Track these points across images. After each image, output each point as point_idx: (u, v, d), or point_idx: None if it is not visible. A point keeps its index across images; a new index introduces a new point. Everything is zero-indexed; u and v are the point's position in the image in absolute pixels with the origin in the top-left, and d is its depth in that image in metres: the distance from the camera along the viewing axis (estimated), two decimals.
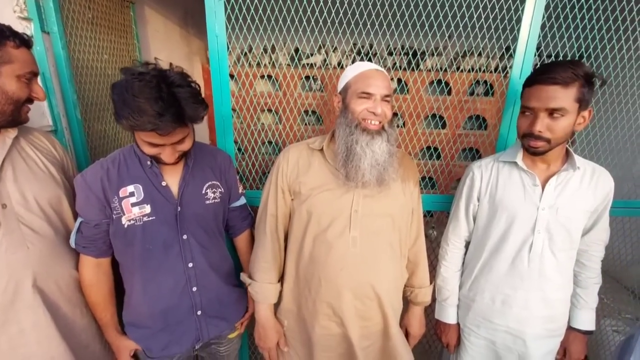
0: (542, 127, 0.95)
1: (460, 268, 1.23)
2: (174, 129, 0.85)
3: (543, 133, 0.95)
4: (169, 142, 0.89)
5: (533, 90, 0.96)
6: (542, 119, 0.95)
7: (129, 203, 0.97)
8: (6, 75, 0.85)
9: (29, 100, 0.92)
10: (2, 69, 0.84)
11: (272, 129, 1.62)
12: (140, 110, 0.78)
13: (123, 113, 0.80)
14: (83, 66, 1.44)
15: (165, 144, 0.89)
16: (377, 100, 0.98)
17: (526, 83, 1.00)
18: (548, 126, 0.95)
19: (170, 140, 0.89)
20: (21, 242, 0.90)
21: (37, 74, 0.94)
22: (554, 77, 0.91)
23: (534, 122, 0.96)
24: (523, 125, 1.00)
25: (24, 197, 0.91)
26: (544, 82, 0.93)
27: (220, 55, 1.19)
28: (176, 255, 1.04)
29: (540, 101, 0.94)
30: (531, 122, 0.97)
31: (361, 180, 0.99)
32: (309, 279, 1.08)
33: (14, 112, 0.89)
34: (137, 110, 0.78)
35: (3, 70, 0.85)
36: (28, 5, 1.17)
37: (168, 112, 0.80)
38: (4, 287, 0.88)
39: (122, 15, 1.78)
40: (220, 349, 1.23)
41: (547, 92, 0.93)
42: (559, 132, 0.95)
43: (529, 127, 0.98)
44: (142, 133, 0.85)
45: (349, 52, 2.03)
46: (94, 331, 1.09)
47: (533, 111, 0.96)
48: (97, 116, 1.55)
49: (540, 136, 0.96)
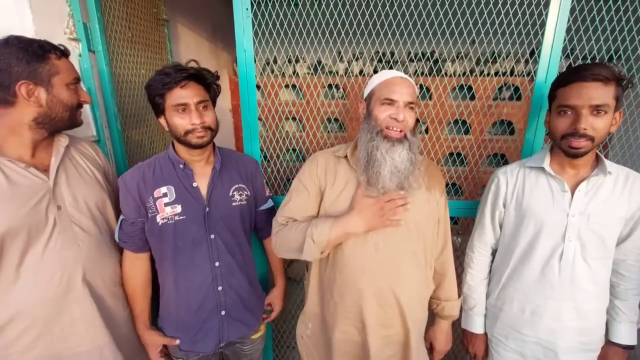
0: (586, 124, 0.92)
1: (486, 276, 1.21)
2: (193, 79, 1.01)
3: (588, 131, 0.92)
4: (193, 99, 1.00)
5: (573, 88, 0.93)
6: (585, 116, 0.92)
7: (163, 203, 1.06)
8: (58, 86, 0.94)
9: (79, 105, 1.02)
10: (53, 81, 0.93)
11: (295, 137, 1.67)
12: (166, 73, 0.99)
13: (154, 81, 1.00)
14: (123, 81, 1.56)
15: (190, 103, 1.00)
16: (400, 107, 0.98)
17: (561, 82, 0.97)
18: (592, 124, 0.92)
19: (194, 97, 1.01)
20: (73, 240, 0.99)
21: (79, 80, 1.03)
22: (596, 74, 0.89)
23: (578, 120, 0.92)
24: (562, 125, 0.96)
25: (75, 199, 1.00)
26: (585, 79, 0.91)
27: (248, 68, 1.25)
28: (204, 253, 1.10)
29: (582, 98, 0.91)
30: (574, 120, 0.93)
31: (382, 186, 0.99)
32: (331, 282, 1.09)
33: (71, 117, 0.99)
34: (164, 74, 0.99)
35: (54, 82, 0.94)
36: (77, 28, 1.29)
37: (187, 70, 1.01)
38: (58, 280, 0.96)
39: (157, 33, 1.92)
40: (244, 348, 1.27)
41: (590, 88, 0.90)
42: (602, 130, 0.92)
43: (571, 125, 0.94)
44: (170, 95, 0.99)
45: (370, 60, 2.06)
46: (133, 324, 1.16)
47: (574, 109, 0.93)
48: (135, 127, 1.67)
49: (585, 134, 0.92)
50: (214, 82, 1.08)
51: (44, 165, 0.97)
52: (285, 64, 2.04)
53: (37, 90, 0.91)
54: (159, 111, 1.05)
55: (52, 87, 0.93)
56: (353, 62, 2.04)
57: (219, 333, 1.15)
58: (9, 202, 0.88)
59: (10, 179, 0.89)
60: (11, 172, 0.90)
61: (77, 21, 1.29)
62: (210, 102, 1.07)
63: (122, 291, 1.13)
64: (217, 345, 1.16)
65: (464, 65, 1.63)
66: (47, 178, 0.96)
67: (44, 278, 0.94)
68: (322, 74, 1.99)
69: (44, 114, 0.93)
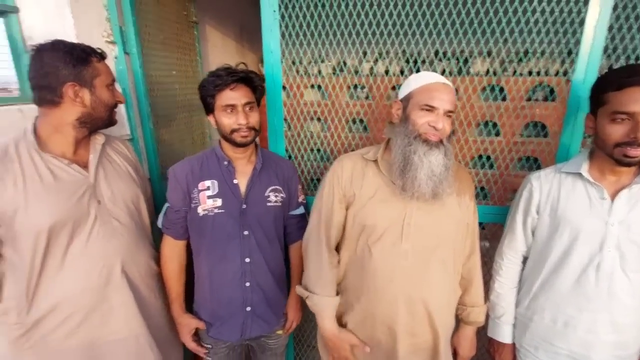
0: None
1: (516, 284, 1.17)
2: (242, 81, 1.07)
3: None
4: (241, 101, 1.06)
5: (631, 93, 0.87)
6: None
7: (205, 195, 1.12)
8: (99, 87, 1.00)
9: (115, 105, 1.08)
10: (95, 82, 0.99)
11: (320, 137, 1.67)
12: (218, 75, 1.07)
13: (207, 82, 1.08)
14: (155, 82, 1.62)
15: (237, 104, 1.06)
16: (440, 115, 0.97)
17: (613, 85, 0.90)
18: None
19: (241, 99, 1.06)
20: (112, 233, 1.05)
21: (115, 81, 1.08)
22: None
23: (637, 128, 0.87)
24: (617, 133, 0.90)
25: (113, 194, 1.06)
26: None
27: (274, 69, 1.27)
28: (236, 248, 1.14)
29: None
30: (632, 128, 0.88)
31: (417, 191, 0.98)
32: (357, 287, 1.08)
33: (109, 117, 1.06)
34: (216, 76, 1.07)
35: (96, 83, 0.99)
36: (113, 31, 1.35)
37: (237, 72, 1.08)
38: (99, 270, 1.02)
39: (187, 35, 1.98)
40: (269, 342, 1.31)
41: None
42: None
43: (629, 134, 0.88)
44: (220, 96, 1.06)
45: (397, 59, 2.02)
46: (165, 315, 1.22)
47: (633, 117, 0.87)
48: (165, 126, 1.73)
49: None
50: (260, 85, 1.13)
51: (83, 162, 1.03)
52: (310, 64, 2.04)
53: (82, 91, 0.97)
54: (209, 110, 1.11)
55: (94, 88, 0.99)
56: (379, 62, 2.02)
57: (242, 327, 1.19)
58: (56, 196, 0.94)
59: (55, 175, 0.95)
60: (55, 168, 0.96)
61: (113, 25, 1.36)
62: (256, 104, 1.12)
63: (155, 283, 1.19)
64: (241, 337, 1.20)
65: (495, 64, 1.57)
66: (87, 174, 1.01)
67: (86, 268, 1.00)
68: (347, 74, 1.97)
69: (87, 113, 0.99)
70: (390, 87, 1.91)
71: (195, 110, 2.11)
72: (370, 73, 2.01)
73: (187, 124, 2.02)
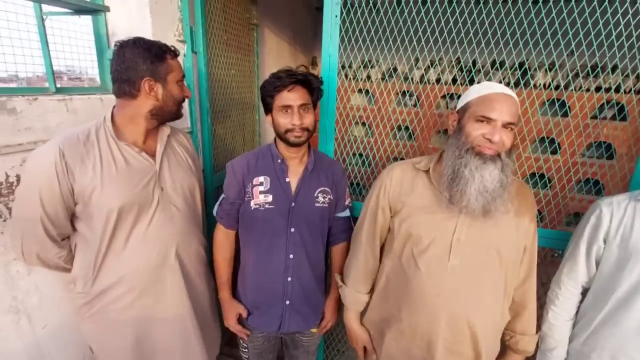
0: None
1: (572, 316, 1.07)
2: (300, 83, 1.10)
3: None
4: (297, 102, 1.09)
5: None
6: None
7: (258, 191, 1.17)
8: (171, 82, 1.08)
9: (182, 100, 1.16)
10: (168, 78, 1.07)
11: (364, 142, 1.68)
12: (279, 77, 1.10)
13: (267, 83, 1.12)
14: (215, 80, 1.74)
15: (293, 105, 1.09)
16: (497, 127, 0.90)
17: None
18: None
19: (298, 100, 1.09)
20: (170, 218, 1.13)
21: (184, 77, 1.16)
22: None
23: None
24: None
25: (174, 182, 1.15)
26: None
27: (331, 73, 1.30)
28: (282, 243, 1.19)
29: None
30: None
31: (465, 205, 0.93)
32: (399, 297, 1.06)
33: (177, 110, 1.14)
34: (277, 77, 1.10)
35: (169, 79, 1.08)
36: (184, 31, 1.48)
37: (296, 74, 1.10)
38: (157, 252, 1.10)
39: (248, 37, 2.10)
40: (303, 339, 1.35)
41: None
42: None
43: None
44: (278, 97, 1.10)
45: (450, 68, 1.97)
46: (208, 299, 1.30)
47: None
48: (220, 122, 1.85)
49: None
50: (317, 87, 1.16)
51: (151, 151, 1.12)
52: (359, 68, 2.06)
53: (156, 86, 1.05)
54: (268, 109, 1.17)
55: (167, 83, 1.07)
56: (430, 69, 1.98)
57: (279, 321, 1.24)
58: (127, 181, 1.03)
59: (127, 161, 1.05)
60: (128, 155, 1.06)
61: (185, 25, 1.48)
62: (312, 105, 1.16)
63: (203, 268, 1.27)
64: (277, 329, 1.25)
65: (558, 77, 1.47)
66: (154, 162, 1.10)
67: (147, 249, 1.09)
68: (396, 80, 1.96)
69: (159, 106, 1.08)
70: (441, 96, 1.87)
71: (248, 108, 2.22)
72: (421, 80, 1.98)
73: (240, 121, 2.14)
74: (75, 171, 0.97)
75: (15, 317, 1.10)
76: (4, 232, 1.04)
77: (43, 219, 0.97)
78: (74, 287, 1.09)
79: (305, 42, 3.13)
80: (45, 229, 0.99)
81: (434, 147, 1.70)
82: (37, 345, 1.16)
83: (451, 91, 1.61)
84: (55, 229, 1.01)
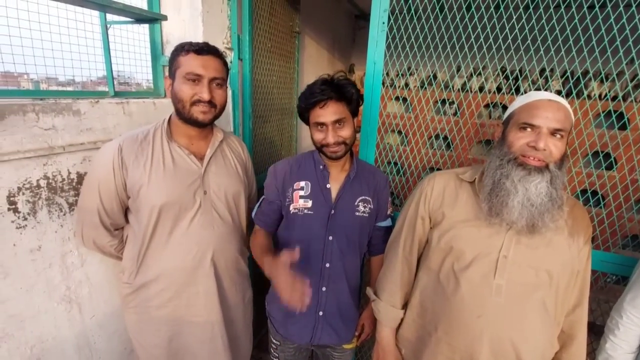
0: None
1: (634, 349, 0.97)
2: (332, 99, 1.06)
3: None
4: (330, 119, 1.06)
5: None
6: None
7: (298, 195, 1.17)
8: (178, 78, 1.05)
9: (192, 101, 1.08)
10: (176, 74, 1.05)
11: (399, 151, 1.66)
12: (312, 92, 1.07)
13: (302, 98, 1.10)
14: (258, 85, 1.80)
15: (327, 122, 1.07)
16: (542, 134, 0.83)
17: None
18: None
19: (331, 116, 1.06)
20: (210, 222, 1.14)
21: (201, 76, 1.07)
22: None
23: None
24: None
25: (218, 187, 1.17)
26: None
27: (375, 80, 1.29)
28: (319, 251, 1.17)
29: None
30: None
31: (507, 218, 0.87)
32: (437, 315, 1.01)
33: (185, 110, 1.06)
34: (310, 92, 1.07)
35: (177, 74, 1.05)
36: (232, 38, 1.56)
37: (329, 87, 1.06)
38: (193, 255, 1.12)
39: (289, 44, 2.16)
40: (335, 354, 1.31)
41: None
42: None
43: None
44: (312, 113, 1.09)
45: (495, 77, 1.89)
46: (241, 310, 1.29)
47: None
48: (261, 126, 1.91)
49: None
50: (354, 96, 1.10)
51: (201, 154, 1.15)
52: (397, 76, 2.04)
53: (168, 83, 1.08)
54: (306, 122, 1.16)
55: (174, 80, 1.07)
56: (473, 77, 1.91)
57: (312, 333, 1.21)
58: (172, 180, 1.08)
59: (175, 162, 1.10)
60: (177, 156, 1.11)
61: (233, 33, 1.56)
62: (349, 117, 1.12)
63: (238, 277, 1.26)
64: (309, 340, 1.22)
65: (616, 87, 1.37)
66: (201, 165, 1.14)
67: (184, 250, 1.11)
68: (435, 88, 1.92)
69: (174, 106, 1.08)
70: (484, 105, 1.80)
71: (286, 114, 2.28)
72: (462, 88, 1.92)
73: (279, 126, 2.19)
74: (129, 166, 1.05)
75: (68, 307, 1.15)
76: (63, 226, 1.11)
77: (99, 209, 1.06)
78: (122, 276, 1.16)
79: (343, 49, 3.16)
80: (101, 219, 1.07)
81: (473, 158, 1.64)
82: (84, 334, 1.22)
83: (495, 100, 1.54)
84: (109, 219, 1.09)
